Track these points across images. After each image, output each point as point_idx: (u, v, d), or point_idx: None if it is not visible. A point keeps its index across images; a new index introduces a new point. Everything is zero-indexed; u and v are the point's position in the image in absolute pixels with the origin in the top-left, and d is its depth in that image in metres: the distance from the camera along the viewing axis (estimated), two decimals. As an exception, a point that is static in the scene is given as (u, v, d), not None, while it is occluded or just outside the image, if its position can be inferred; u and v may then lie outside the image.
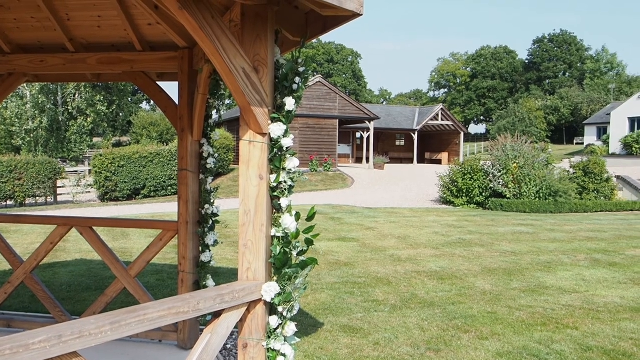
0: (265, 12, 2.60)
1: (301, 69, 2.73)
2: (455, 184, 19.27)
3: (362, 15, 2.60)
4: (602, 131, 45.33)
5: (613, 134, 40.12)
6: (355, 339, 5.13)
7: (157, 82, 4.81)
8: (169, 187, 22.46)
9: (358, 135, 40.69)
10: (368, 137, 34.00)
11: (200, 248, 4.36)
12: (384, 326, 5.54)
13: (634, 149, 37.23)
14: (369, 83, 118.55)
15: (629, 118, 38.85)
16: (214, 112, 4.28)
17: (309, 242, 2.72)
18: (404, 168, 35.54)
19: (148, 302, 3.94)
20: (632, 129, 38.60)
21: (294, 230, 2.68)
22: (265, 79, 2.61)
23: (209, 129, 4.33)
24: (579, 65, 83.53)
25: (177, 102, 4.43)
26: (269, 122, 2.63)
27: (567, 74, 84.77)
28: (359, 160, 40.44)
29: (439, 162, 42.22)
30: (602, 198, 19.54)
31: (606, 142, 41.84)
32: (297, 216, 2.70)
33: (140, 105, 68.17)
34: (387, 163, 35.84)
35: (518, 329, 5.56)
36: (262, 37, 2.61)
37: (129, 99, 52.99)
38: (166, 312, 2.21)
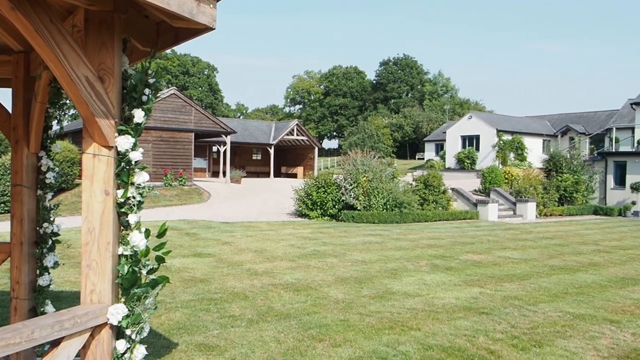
0: (112, 19, 2.48)
1: (151, 80, 2.65)
2: (310, 197, 19.83)
3: (214, 29, 2.59)
4: (440, 147, 49.86)
5: (448, 150, 44.31)
6: (211, 357, 5.02)
7: (-14, 88, 4.32)
8: (2, 205, 20.15)
9: (215, 149, 40.14)
10: (225, 151, 33.69)
11: (38, 271, 3.97)
12: (241, 341, 5.50)
13: (465, 163, 41.46)
14: (225, 97, 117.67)
15: (461, 136, 43.21)
16: (54, 122, 3.95)
17: (160, 260, 2.62)
18: (260, 182, 35.75)
19: (-28, 334, 3.48)
20: (463, 146, 42.96)
21: (144, 248, 2.56)
22: (111, 89, 2.48)
23: (49, 140, 3.98)
24: (419, 87, 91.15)
25: (10, 110, 4.01)
26: (116, 134, 2.50)
27: (410, 94, 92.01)
28: (215, 174, 39.87)
29: (294, 176, 43.15)
30: (440, 208, 21.44)
31: (443, 158, 46.08)
32: (147, 233, 2.59)
33: (-35, 113, 60.39)
34: (244, 177, 35.78)
35: (368, 334, 5.86)
36: (108, 45, 2.49)
37: (-49, 105, 46.61)
38: (-6, 345, 1.98)
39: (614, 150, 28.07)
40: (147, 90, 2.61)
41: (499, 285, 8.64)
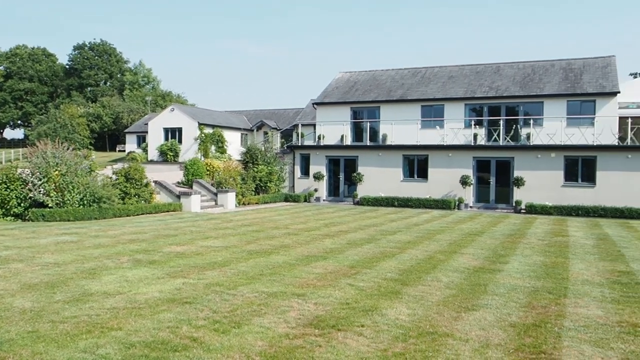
0: None
1: None
2: (-12, 195, 17.05)
3: None
4: (142, 139, 48.51)
5: (151, 142, 43.49)
6: None
7: None
8: None
9: None
10: None
11: None
12: None
13: (168, 156, 41.35)
14: None
15: (163, 128, 42.87)
16: None
17: None
18: None
19: None
20: (166, 138, 42.75)
21: None
22: None
23: None
24: (119, 76, 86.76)
25: None
26: None
27: (109, 83, 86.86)
28: None
29: (-34, 170, 36.39)
30: (142, 202, 20.92)
31: (145, 150, 44.97)
32: None
33: None
34: None
35: (62, 342, 5.36)
36: None
37: None
38: None
39: (300, 144, 31.73)
40: None
41: (201, 274, 8.91)
